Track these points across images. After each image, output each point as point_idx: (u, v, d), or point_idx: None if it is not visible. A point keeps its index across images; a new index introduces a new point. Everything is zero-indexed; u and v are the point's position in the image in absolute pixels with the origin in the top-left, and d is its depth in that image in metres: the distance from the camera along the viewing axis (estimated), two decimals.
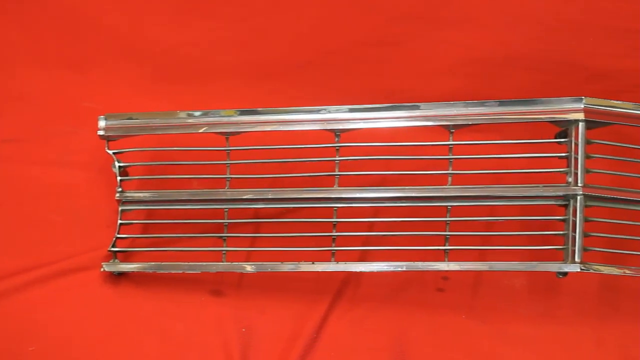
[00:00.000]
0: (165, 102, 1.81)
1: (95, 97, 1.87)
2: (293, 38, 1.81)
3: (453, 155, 1.57)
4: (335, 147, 1.59)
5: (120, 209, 1.64)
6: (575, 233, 1.50)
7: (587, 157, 1.52)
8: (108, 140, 1.63)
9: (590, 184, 1.52)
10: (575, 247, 1.49)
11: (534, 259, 1.56)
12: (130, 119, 1.62)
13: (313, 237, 1.59)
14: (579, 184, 1.51)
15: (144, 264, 1.61)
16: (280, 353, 1.52)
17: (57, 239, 1.67)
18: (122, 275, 1.63)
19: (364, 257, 1.65)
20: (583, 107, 1.51)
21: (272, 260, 1.58)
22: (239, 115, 1.60)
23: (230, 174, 1.62)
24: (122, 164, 1.63)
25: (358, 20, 1.77)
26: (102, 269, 1.60)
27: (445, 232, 1.56)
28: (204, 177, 1.67)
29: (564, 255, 1.51)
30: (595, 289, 1.63)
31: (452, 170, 1.57)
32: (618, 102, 1.53)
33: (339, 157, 1.59)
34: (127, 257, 1.66)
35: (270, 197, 1.60)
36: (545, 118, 1.54)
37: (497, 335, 1.56)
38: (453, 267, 1.54)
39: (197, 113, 1.61)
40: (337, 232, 1.58)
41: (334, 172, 1.59)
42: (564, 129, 1.54)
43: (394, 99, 1.62)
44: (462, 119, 1.56)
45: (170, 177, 1.66)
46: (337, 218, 1.58)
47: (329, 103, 1.60)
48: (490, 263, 1.55)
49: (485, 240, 1.65)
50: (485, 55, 1.77)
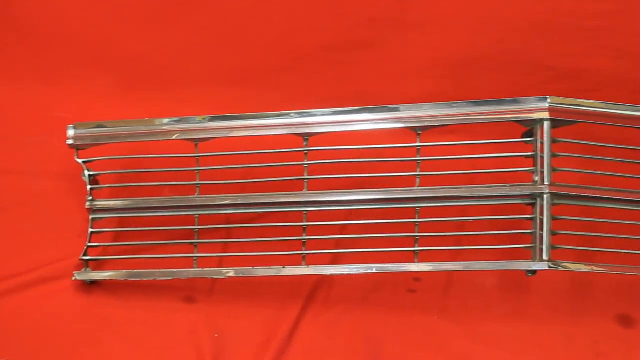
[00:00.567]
0: (136, 109, 1.82)
1: (66, 106, 1.88)
2: (262, 44, 1.82)
3: (421, 157, 1.58)
4: (304, 151, 1.59)
5: (91, 218, 1.64)
6: (543, 231, 1.51)
7: (553, 155, 1.53)
8: (77, 149, 1.63)
9: (557, 183, 1.53)
10: (543, 245, 1.50)
11: (505, 258, 1.57)
12: (99, 128, 1.62)
13: (284, 241, 1.60)
14: (546, 183, 1.52)
15: (116, 272, 1.61)
16: (254, 357, 1.53)
17: (27, 249, 1.67)
18: (94, 284, 1.63)
19: (336, 260, 1.65)
20: (548, 106, 1.52)
21: (243, 266, 1.58)
22: (208, 122, 1.61)
23: (200, 180, 1.62)
24: (92, 173, 1.63)
25: (325, 25, 1.78)
26: (73, 278, 1.60)
27: (415, 233, 1.57)
28: (174, 184, 1.67)
29: (533, 254, 1.52)
30: (566, 287, 1.64)
31: (419, 172, 1.57)
32: (583, 100, 1.54)
33: (308, 161, 1.59)
34: (99, 265, 1.66)
35: (240, 202, 1.61)
36: (511, 118, 1.55)
37: (468, 335, 1.57)
38: (423, 267, 1.55)
39: (165, 120, 1.61)
40: (307, 235, 1.58)
41: (303, 176, 1.59)
42: (531, 129, 1.55)
43: (363, 102, 1.62)
44: (430, 121, 1.57)
45: (140, 184, 1.67)
46: (307, 222, 1.59)
47: (298, 107, 1.60)
48: (460, 263, 1.56)
49: (457, 241, 1.66)
50: (454, 57, 1.78)
